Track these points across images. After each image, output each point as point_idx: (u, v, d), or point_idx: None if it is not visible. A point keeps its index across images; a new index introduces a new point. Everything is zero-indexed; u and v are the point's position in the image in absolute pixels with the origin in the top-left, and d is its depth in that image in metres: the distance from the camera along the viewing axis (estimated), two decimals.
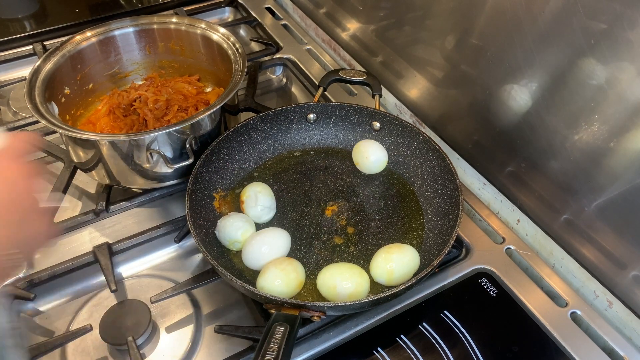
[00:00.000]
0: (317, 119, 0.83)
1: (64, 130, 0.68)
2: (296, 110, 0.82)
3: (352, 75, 0.85)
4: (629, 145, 0.58)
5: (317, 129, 0.84)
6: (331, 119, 0.83)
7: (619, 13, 0.54)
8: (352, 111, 0.82)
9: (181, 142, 0.71)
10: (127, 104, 0.83)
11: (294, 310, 0.56)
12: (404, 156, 0.80)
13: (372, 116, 0.81)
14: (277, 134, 0.82)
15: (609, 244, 0.64)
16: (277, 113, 0.81)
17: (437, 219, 0.71)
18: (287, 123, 0.82)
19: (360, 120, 0.82)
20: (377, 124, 0.81)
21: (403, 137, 0.79)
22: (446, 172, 0.73)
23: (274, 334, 0.53)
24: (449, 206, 0.70)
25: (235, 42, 0.82)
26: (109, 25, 0.86)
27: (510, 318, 0.64)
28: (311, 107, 0.82)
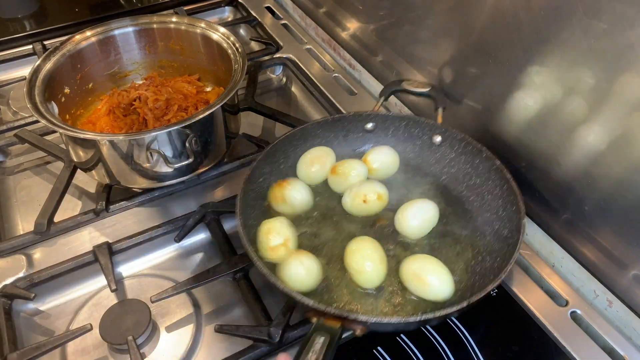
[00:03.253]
0: (376, 128, 0.80)
1: (63, 129, 0.68)
2: (354, 118, 0.79)
3: (416, 86, 0.83)
4: (629, 145, 0.58)
5: (374, 139, 0.80)
6: (390, 129, 0.80)
7: (620, 12, 0.53)
8: (413, 123, 0.79)
9: (181, 142, 0.71)
10: (127, 103, 0.83)
11: (336, 322, 0.54)
12: (464, 173, 0.75)
13: (433, 130, 0.77)
14: (333, 140, 0.79)
15: (609, 244, 0.64)
16: (336, 119, 0.79)
17: (496, 242, 0.67)
18: (344, 131, 0.80)
19: (420, 133, 0.78)
20: (438, 138, 0.77)
21: (464, 153, 0.75)
22: (509, 194, 0.68)
23: (313, 344, 0.51)
24: (509, 230, 0.66)
25: (235, 42, 0.82)
26: (108, 24, 0.86)
27: (510, 317, 0.64)
28: (370, 116, 0.79)
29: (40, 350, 0.60)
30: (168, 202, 0.80)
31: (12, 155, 0.90)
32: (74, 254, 0.71)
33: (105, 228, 0.76)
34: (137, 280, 0.72)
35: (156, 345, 0.64)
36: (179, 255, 0.75)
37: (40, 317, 0.68)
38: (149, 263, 0.74)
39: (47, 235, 0.74)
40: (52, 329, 0.67)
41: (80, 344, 0.64)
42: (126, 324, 0.62)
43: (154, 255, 0.75)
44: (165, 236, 0.74)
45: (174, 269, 0.73)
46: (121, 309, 0.64)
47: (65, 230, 0.75)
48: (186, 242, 0.75)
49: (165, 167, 0.72)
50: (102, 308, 0.65)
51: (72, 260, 0.70)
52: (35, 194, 0.83)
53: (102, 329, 0.62)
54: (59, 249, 0.73)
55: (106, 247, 0.70)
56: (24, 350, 0.60)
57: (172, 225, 0.74)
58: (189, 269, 0.73)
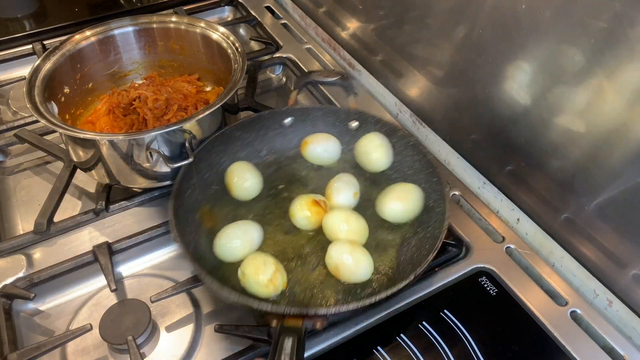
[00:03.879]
0: (294, 122, 0.81)
1: (63, 129, 0.68)
2: (272, 115, 0.80)
3: (326, 76, 0.84)
4: (628, 144, 0.58)
5: (294, 133, 0.81)
6: (308, 122, 0.81)
7: (619, 12, 0.53)
8: (329, 112, 0.81)
9: (181, 142, 0.71)
10: (127, 103, 0.83)
11: (297, 321, 0.55)
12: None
13: (349, 116, 0.80)
14: (254, 141, 0.80)
15: (609, 243, 0.64)
16: (253, 120, 0.79)
17: (424, 214, 0.71)
18: (263, 129, 0.80)
19: (336, 121, 0.80)
20: (354, 123, 0.80)
21: (382, 134, 0.78)
22: (427, 166, 0.72)
23: (283, 347, 0.52)
24: (434, 200, 0.70)
25: (235, 41, 0.82)
26: (108, 24, 0.86)
27: (510, 317, 0.64)
28: (287, 111, 0.80)
29: (40, 350, 0.60)
30: (168, 202, 0.80)
31: (12, 155, 0.90)
32: (74, 254, 0.71)
33: (105, 228, 0.76)
34: (137, 280, 0.72)
35: (156, 345, 0.64)
36: (178, 255, 0.75)
37: (40, 317, 0.68)
38: (148, 263, 0.74)
39: (47, 235, 0.74)
40: (52, 328, 0.67)
41: (80, 344, 0.64)
42: (126, 323, 0.62)
43: (154, 255, 0.75)
44: (165, 236, 0.74)
45: (174, 269, 0.73)
46: (121, 309, 0.64)
47: (65, 230, 0.75)
48: None
49: (164, 167, 0.72)
50: (102, 308, 0.65)
51: (72, 260, 0.70)
52: (35, 193, 0.83)
53: (102, 329, 0.62)
54: (58, 248, 0.73)
55: (106, 247, 0.70)
56: (23, 350, 0.60)
57: None
58: (189, 268, 0.73)
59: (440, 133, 0.87)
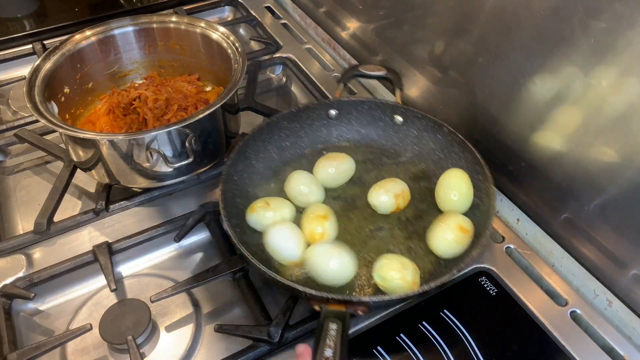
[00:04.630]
0: (339, 115, 0.82)
1: (63, 129, 0.68)
2: (318, 107, 0.82)
3: (372, 70, 0.85)
4: (628, 144, 0.58)
5: (339, 125, 0.83)
6: (352, 114, 0.83)
7: (619, 12, 0.53)
8: (374, 106, 0.82)
9: (181, 141, 0.71)
10: (127, 103, 0.83)
11: (341, 306, 0.56)
12: (428, 149, 0.79)
13: (394, 110, 0.81)
14: (299, 131, 0.82)
15: (609, 243, 0.64)
16: (300, 110, 0.80)
17: (468, 211, 0.71)
18: (309, 120, 0.82)
19: (382, 115, 0.82)
20: (399, 118, 0.81)
21: (426, 130, 0.79)
22: (474, 163, 0.72)
23: (328, 331, 0.53)
24: (478, 197, 0.71)
25: (235, 41, 0.82)
26: (108, 24, 0.86)
27: (510, 317, 0.64)
28: (332, 103, 0.82)
29: (40, 350, 0.60)
30: (168, 202, 0.80)
31: (12, 155, 0.90)
32: (74, 254, 0.71)
33: (105, 228, 0.76)
34: (136, 280, 0.72)
35: (156, 345, 0.64)
36: (178, 255, 0.75)
37: (40, 317, 0.68)
38: (148, 263, 0.74)
39: (47, 235, 0.74)
40: (51, 328, 0.67)
41: (80, 344, 0.64)
42: (126, 323, 0.62)
43: (154, 255, 0.75)
44: (165, 236, 0.74)
45: (174, 269, 0.73)
46: (121, 309, 0.64)
47: (65, 230, 0.75)
48: (186, 241, 0.75)
49: (165, 167, 0.71)
50: (102, 308, 0.65)
51: (71, 260, 0.70)
52: (35, 193, 0.83)
53: (102, 329, 0.62)
54: (58, 248, 0.73)
55: (106, 246, 0.70)
56: (23, 350, 0.60)
57: (172, 225, 0.74)
58: (189, 268, 0.73)
59: None
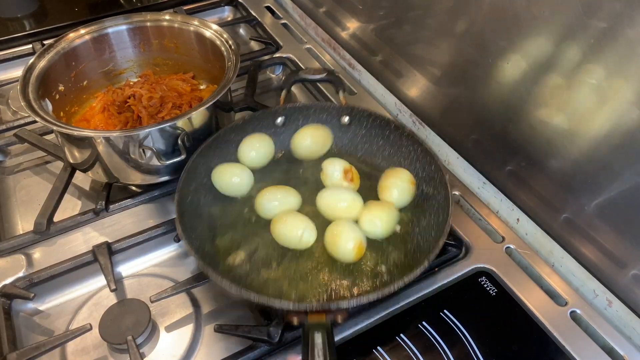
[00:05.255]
0: (286, 121, 0.80)
1: (57, 127, 0.68)
2: (263, 116, 0.79)
3: (313, 73, 0.84)
4: (628, 144, 0.58)
5: (286, 132, 0.81)
6: (299, 120, 0.81)
7: (619, 12, 0.53)
8: (320, 109, 0.80)
9: (174, 139, 0.71)
10: (122, 101, 0.83)
11: (320, 316, 0.55)
12: (377, 146, 0.79)
13: (340, 112, 0.80)
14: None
15: (609, 243, 0.64)
16: (246, 121, 0.78)
17: (425, 202, 0.71)
18: (256, 130, 0.79)
19: (328, 117, 0.81)
20: (346, 118, 0.80)
21: (374, 127, 0.79)
22: (424, 155, 0.73)
23: (315, 343, 0.52)
24: (433, 187, 0.70)
25: (228, 39, 0.82)
26: (102, 22, 0.86)
27: (510, 317, 0.64)
28: (278, 111, 0.80)
29: (39, 350, 0.60)
30: (168, 202, 0.80)
31: (12, 155, 0.90)
32: (74, 254, 0.71)
33: (104, 228, 0.76)
34: (136, 280, 0.72)
35: (156, 345, 0.64)
36: (178, 254, 0.75)
37: (40, 317, 0.68)
38: (148, 263, 0.74)
39: (47, 235, 0.74)
40: (51, 328, 0.67)
41: (80, 344, 0.64)
42: (126, 323, 0.62)
43: (154, 255, 0.75)
44: (164, 236, 0.74)
45: (174, 269, 0.73)
46: (121, 309, 0.64)
47: (65, 230, 0.75)
48: None
49: (159, 163, 0.72)
50: (102, 308, 0.65)
51: (71, 260, 0.70)
52: (34, 193, 0.83)
53: (101, 329, 0.62)
54: (58, 248, 0.73)
55: (106, 246, 0.70)
56: (23, 350, 0.60)
57: (172, 224, 0.74)
58: (189, 268, 0.73)
59: (440, 133, 0.87)
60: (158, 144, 0.70)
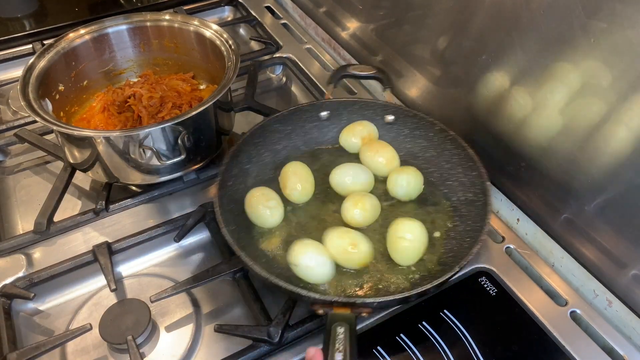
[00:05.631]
0: (330, 115, 0.82)
1: (57, 127, 0.68)
2: (309, 108, 0.81)
3: (362, 70, 0.85)
4: (628, 145, 0.58)
5: (330, 126, 0.83)
6: (344, 115, 0.82)
7: (619, 12, 0.53)
8: (365, 105, 0.82)
9: (174, 139, 0.71)
10: (122, 101, 0.83)
11: (345, 309, 0.55)
12: (420, 147, 0.79)
13: (385, 109, 0.81)
14: (291, 133, 0.81)
15: (609, 243, 0.64)
16: (291, 112, 0.80)
17: (463, 207, 0.71)
18: (300, 122, 0.81)
19: (373, 115, 0.82)
20: (390, 117, 0.81)
21: (418, 128, 0.79)
22: (467, 160, 0.73)
23: (337, 335, 0.52)
24: (473, 193, 0.70)
25: (228, 39, 0.82)
26: (102, 22, 0.86)
27: (510, 317, 0.64)
28: (323, 104, 0.82)
29: (39, 350, 0.60)
30: (168, 202, 0.80)
31: (12, 155, 0.90)
32: (74, 254, 0.71)
33: (104, 228, 0.76)
34: (136, 280, 0.72)
35: (156, 345, 0.64)
36: (178, 254, 0.75)
37: (40, 317, 0.68)
38: (148, 263, 0.74)
39: (47, 234, 0.74)
40: (51, 328, 0.67)
41: (80, 344, 0.64)
42: (126, 323, 0.62)
43: (154, 255, 0.75)
44: (164, 236, 0.74)
45: (174, 269, 0.73)
46: (121, 309, 0.64)
47: (65, 229, 0.75)
48: (186, 241, 0.75)
49: (158, 163, 0.72)
50: (102, 308, 0.65)
51: (71, 260, 0.70)
52: (35, 193, 0.83)
53: (101, 329, 0.62)
54: (58, 248, 0.73)
55: (106, 246, 0.70)
56: (23, 350, 0.60)
57: (172, 224, 0.74)
58: (189, 268, 0.73)
59: None
60: (158, 144, 0.70)
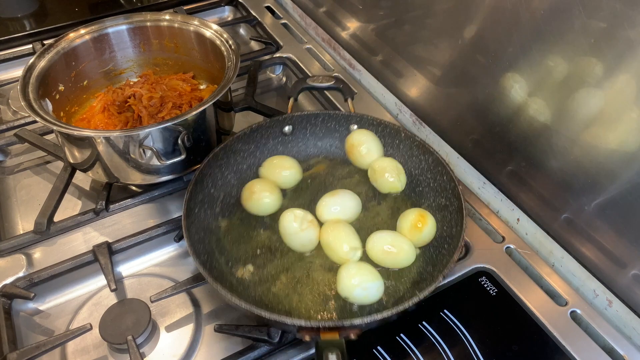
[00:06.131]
0: (294, 130, 0.80)
1: (57, 127, 0.68)
2: (271, 124, 0.78)
3: (321, 81, 0.83)
4: (628, 144, 0.58)
5: (294, 141, 0.81)
6: (307, 128, 0.80)
7: (619, 12, 0.53)
8: (328, 117, 0.80)
9: (174, 139, 0.71)
10: (122, 100, 0.83)
11: (334, 334, 0.53)
12: (387, 155, 0.78)
13: (348, 120, 0.79)
14: (255, 151, 0.78)
15: (609, 243, 0.64)
16: (253, 130, 0.77)
17: (436, 212, 0.70)
18: (263, 139, 0.79)
19: (337, 126, 0.80)
20: (354, 127, 0.79)
21: (383, 136, 0.78)
22: (435, 165, 0.72)
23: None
24: (445, 198, 0.70)
25: (228, 39, 0.82)
26: (102, 22, 0.86)
27: (510, 317, 0.64)
28: (285, 119, 0.79)
29: (40, 350, 0.60)
30: (168, 202, 0.80)
31: (12, 155, 0.90)
32: (74, 254, 0.71)
33: (105, 227, 0.76)
34: (136, 279, 0.72)
35: (156, 345, 0.64)
36: (178, 254, 0.75)
37: (40, 317, 0.68)
38: (148, 263, 0.74)
39: (47, 234, 0.74)
40: (51, 328, 0.67)
41: (80, 344, 0.64)
42: (126, 323, 0.62)
43: (154, 255, 0.75)
44: (165, 236, 0.74)
45: (174, 269, 0.73)
46: (121, 309, 0.64)
47: (65, 229, 0.75)
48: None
49: (158, 163, 0.72)
50: (102, 308, 0.65)
51: (71, 259, 0.70)
52: (35, 193, 0.83)
53: (102, 329, 0.62)
54: (58, 248, 0.73)
55: (106, 246, 0.70)
56: (23, 350, 0.60)
57: (172, 224, 0.74)
58: (189, 268, 0.73)
59: (440, 133, 0.87)
60: (158, 144, 0.70)
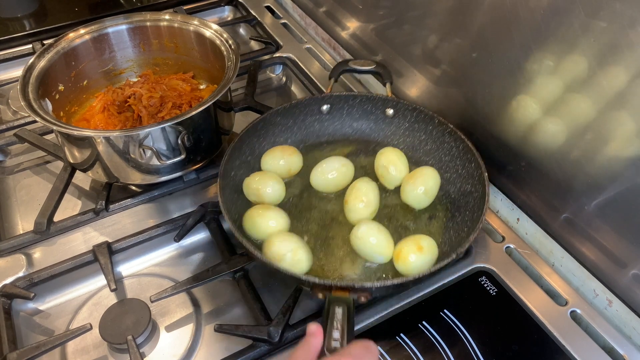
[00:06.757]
0: (331, 109, 0.84)
1: (57, 127, 0.68)
2: (310, 102, 0.83)
3: (362, 65, 0.87)
4: (628, 144, 0.58)
5: (331, 120, 0.85)
6: (344, 109, 0.84)
7: (619, 11, 0.53)
8: (365, 100, 0.83)
9: (174, 139, 0.71)
10: (122, 100, 0.83)
11: (344, 292, 0.57)
12: (419, 140, 0.81)
13: (385, 103, 0.83)
14: (292, 126, 0.83)
15: (609, 243, 0.64)
16: (292, 106, 0.81)
17: (461, 198, 0.73)
18: (302, 115, 0.83)
19: (373, 109, 0.84)
20: (390, 111, 0.83)
21: (417, 122, 0.81)
22: (465, 152, 0.74)
23: (335, 315, 0.53)
24: (471, 184, 0.72)
25: (228, 39, 0.82)
26: (102, 22, 0.87)
27: (510, 317, 0.64)
28: (324, 98, 0.83)
29: (40, 350, 0.60)
30: (167, 202, 0.80)
31: (12, 155, 0.90)
32: (74, 254, 0.71)
33: (104, 227, 0.76)
34: (136, 279, 0.72)
35: (156, 345, 0.64)
36: (178, 254, 0.75)
37: (40, 317, 0.68)
38: (148, 262, 0.74)
39: (47, 234, 0.74)
40: (51, 328, 0.67)
41: (80, 344, 0.64)
42: (126, 323, 0.62)
43: (154, 255, 0.75)
44: (164, 236, 0.74)
45: (174, 269, 0.73)
46: (121, 309, 0.64)
47: (65, 229, 0.75)
48: (186, 241, 0.75)
49: (158, 163, 0.72)
50: (102, 307, 0.65)
51: (71, 259, 0.70)
52: (35, 193, 0.83)
53: (101, 329, 0.62)
54: (58, 248, 0.73)
55: (106, 246, 0.70)
56: (23, 350, 0.60)
57: (172, 224, 0.74)
58: (189, 268, 0.73)
59: None
60: (158, 144, 0.70)
